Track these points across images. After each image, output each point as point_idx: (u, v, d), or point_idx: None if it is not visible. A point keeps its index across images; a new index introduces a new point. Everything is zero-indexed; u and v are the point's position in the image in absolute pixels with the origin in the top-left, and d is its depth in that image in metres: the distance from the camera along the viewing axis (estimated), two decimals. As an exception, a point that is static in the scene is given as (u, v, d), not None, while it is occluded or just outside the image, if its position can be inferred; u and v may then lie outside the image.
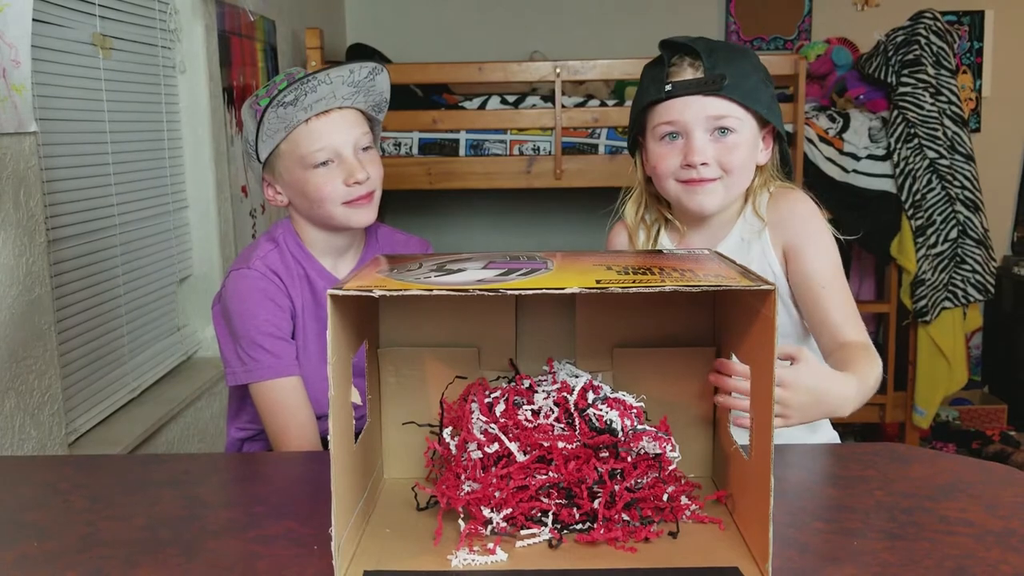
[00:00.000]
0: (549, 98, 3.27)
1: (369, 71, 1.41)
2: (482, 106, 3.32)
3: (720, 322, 1.07)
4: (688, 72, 1.34)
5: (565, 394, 0.98)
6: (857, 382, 1.19)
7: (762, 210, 1.40)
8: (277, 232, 1.49)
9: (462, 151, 3.26)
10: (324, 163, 1.40)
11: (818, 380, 1.15)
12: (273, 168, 1.45)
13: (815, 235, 1.36)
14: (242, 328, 1.41)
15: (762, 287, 0.84)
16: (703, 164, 1.33)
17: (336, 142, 1.40)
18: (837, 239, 1.39)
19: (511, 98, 3.34)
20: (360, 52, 3.66)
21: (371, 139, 1.46)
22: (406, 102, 3.36)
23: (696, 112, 1.33)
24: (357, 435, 0.96)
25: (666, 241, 1.47)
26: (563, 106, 3.20)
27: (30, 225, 1.64)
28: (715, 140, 1.34)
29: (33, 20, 1.61)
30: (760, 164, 1.40)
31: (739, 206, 1.42)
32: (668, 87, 1.33)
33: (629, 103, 3.32)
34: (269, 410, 1.41)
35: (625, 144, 3.24)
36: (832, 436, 1.48)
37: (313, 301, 1.47)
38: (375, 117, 1.49)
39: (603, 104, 3.31)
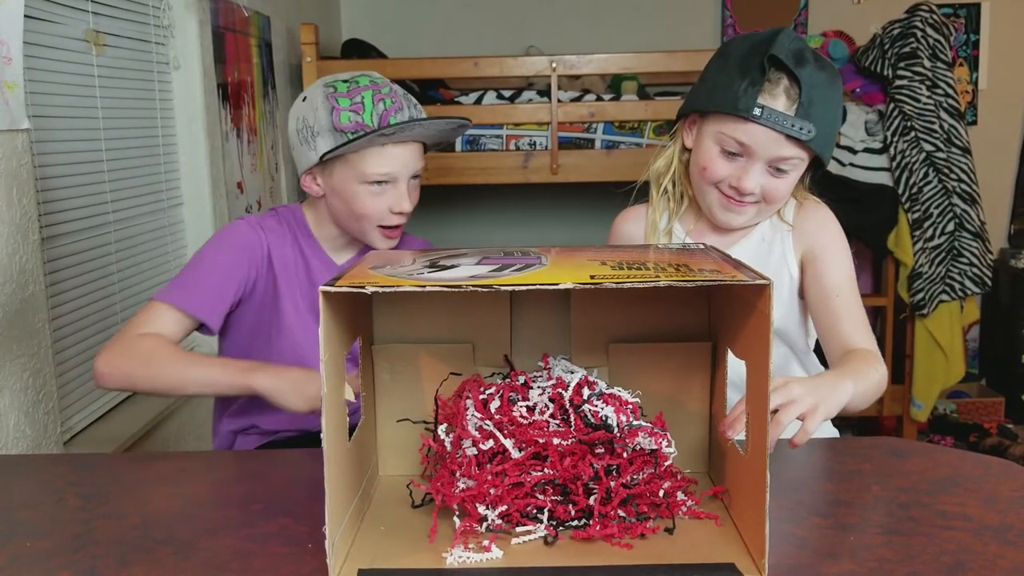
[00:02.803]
0: (545, 93, 3.26)
1: (458, 125, 1.49)
2: (478, 101, 3.32)
3: (716, 317, 1.06)
4: (781, 101, 1.27)
5: (560, 390, 0.97)
6: (849, 374, 1.17)
7: (787, 216, 1.41)
8: (281, 209, 1.57)
9: (458, 146, 3.25)
10: (379, 182, 1.44)
11: (807, 379, 1.14)
12: (328, 166, 1.46)
13: (835, 247, 1.38)
14: (201, 254, 1.48)
15: (757, 282, 0.84)
16: (750, 192, 1.33)
17: (398, 169, 1.45)
18: None
19: (507, 93, 3.33)
20: (355, 47, 3.65)
21: (423, 168, 1.52)
22: (402, 97, 3.35)
23: (769, 148, 1.29)
24: (352, 430, 0.95)
25: (679, 229, 1.46)
26: (559, 101, 3.19)
27: (23, 223, 1.63)
28: (770, 172, 1.32)
29: (25, 16, 1.60)
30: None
31: None
32: (757, 111, 1.27)
33: (625, 97, 3.36)
34: (141, 320, 1.42)
35: (621, 138, 3.26)
36: (832, 433, 1.47)
37: (308, 280, 1.52)
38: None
39: (599, 98, 3.30)
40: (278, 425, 1.53)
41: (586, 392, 0.98)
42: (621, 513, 0.94)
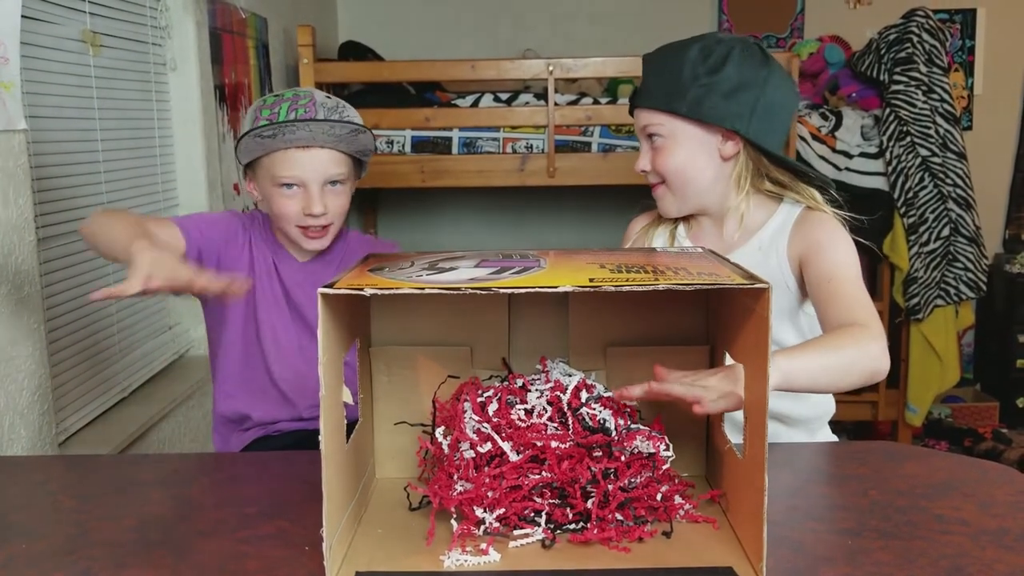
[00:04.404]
0: (542, 96, 3.26)
1: (351, 130, 1.48)
2: (475, 104, 3.31)
3: (714, 320, 1.06)
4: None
5: (559, 393, 0.97)
6: (795, 353, 1.10)
7: (789, 224, 1.38)
8: (255, 212, 1.63)
9: (455, 149, 3.25)
10: (289, 185, 1.48)
11: (728, 369, 1.02)
12: (254, 170, 1.54)
13: (829, 240, 1.33)
14: (204, 214, 1.54)
15: (756, 285, 0.84)
16: (643, 171, 1.42)
17: (305, 173, 1.48)
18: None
19: (504, 96, 3.33)
20: (352, 49, 3.64)
21: (345, 175, 1.52)
22: (399, 100, 3.35)
23: (636, 124, 1.43)
24: (349, 431, 0.95)
25: (682, 231, 1.48)
26: (556, 104, 3.19)
27: (19, 223, 1.62)
28: (652, 147, 1.41)
29: (22, 16, 1.59)
30: (726, 157, 1.37)
31: (763, 217, 1.40)
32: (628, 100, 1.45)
33: (622, 101, 3.35)
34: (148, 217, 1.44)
35: (618, 142, 3.26)
36: (830, 437, 1.47)
37: (279, 280, 1.57)
38: (360, 159, 1.57)
39: (596, 102, 3.30)
40: (271, 416, 1.56)
41: (584, 395, 0.98)
42: (619, 516, 0.94)
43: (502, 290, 0.84)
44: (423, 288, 0.84)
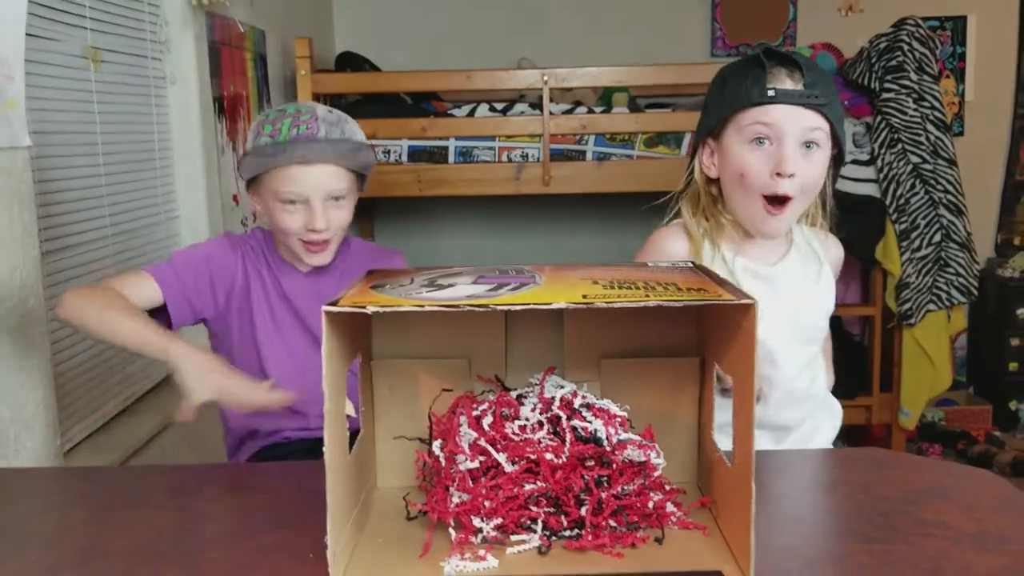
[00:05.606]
0: (537, 105, 3.29)
1: (352, 147, 1.52)
2: (471, 113, 3.35)
3: (704, 333, 1.10)
4: (787, 82, 1.34)
5: (551, 406, 1.00)
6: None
7: (814, 244, 1.51)
8: (255, 230, 1.67)
9: (451, 158, 3.28)
10: (292, 201, 1.51)
11: None
12: (256, 186, 1.57)
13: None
14: (193, 250, 1.60)
15: (743, 302, 0.87)
16: (790, 176, 1.34)
17: (307, 190, 1.51)
18: None
19: (499, 105, 3.37)
20: (349, 60, 3.67)
21: (346, 190, 1.55)
22: (395, 110, 3.38)
23: (794, 121, 1.33)
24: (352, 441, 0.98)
25: (728, 253, 1.46)
26: (551, 113, 3.22)
27: (24, 238, 1.65)
28: (803, 154, 1.35)
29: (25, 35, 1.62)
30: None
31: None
32: (771, 92, 1.33)
33: (616, 110, 3.39)
34: (123, 279, 1.51)
35: (612, 150, 3.29)
36: (827, 444, 1.52)
37: (280, 295, 1.61)
38: (361, 172, 1.60)
39: (591, 111, 3.33)
40: (280, 427, 1.58)
41: (577, 402, 1.01)
42: (612, 523, 0.97)
43: (499, 307, 0.87)
44: (423, 305, 0.87)
